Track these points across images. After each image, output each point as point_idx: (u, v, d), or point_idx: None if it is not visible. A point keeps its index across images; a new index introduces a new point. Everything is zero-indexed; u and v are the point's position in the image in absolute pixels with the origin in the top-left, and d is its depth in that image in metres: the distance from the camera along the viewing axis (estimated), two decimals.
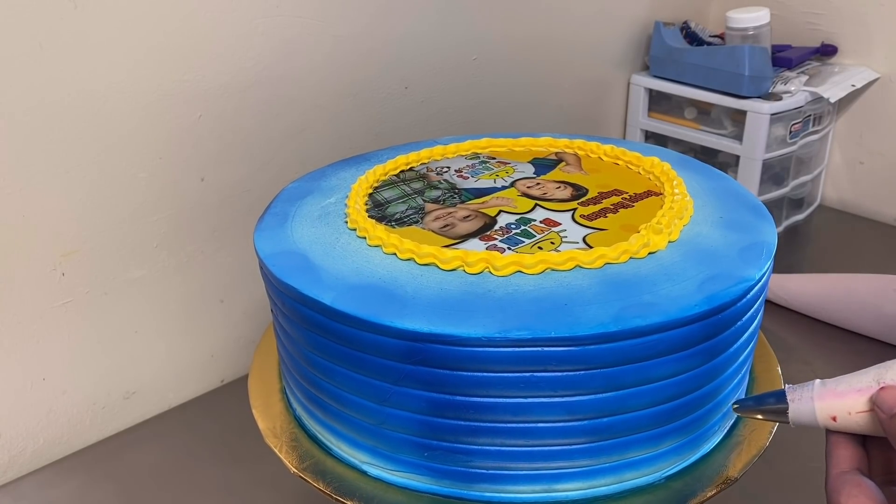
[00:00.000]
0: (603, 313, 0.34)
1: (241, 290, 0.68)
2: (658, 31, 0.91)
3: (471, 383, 0.35)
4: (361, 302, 0.36)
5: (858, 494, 0.31)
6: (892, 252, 0.88)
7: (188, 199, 0.62)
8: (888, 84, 0.92)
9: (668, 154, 0.54)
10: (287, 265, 0.40)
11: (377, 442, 0.39)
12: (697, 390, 0.38)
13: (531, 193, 0.48)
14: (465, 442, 0.37)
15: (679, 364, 0.36)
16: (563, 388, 0.35)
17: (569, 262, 0.38)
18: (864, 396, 0.33)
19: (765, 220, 0.44)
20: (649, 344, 0.35)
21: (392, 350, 0.35)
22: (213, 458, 0.59)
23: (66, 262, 0.57)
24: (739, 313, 0.38)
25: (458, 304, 0.36)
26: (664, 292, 0.36)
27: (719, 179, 0.50)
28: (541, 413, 0.36)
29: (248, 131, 0.64)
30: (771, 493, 0.54)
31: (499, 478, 0.38)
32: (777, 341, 0.45)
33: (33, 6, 0.50)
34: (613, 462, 0.38)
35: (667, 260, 0.39)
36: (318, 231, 0.44)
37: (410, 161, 0.53)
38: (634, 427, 0.37)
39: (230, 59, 0.61)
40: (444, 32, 0.75)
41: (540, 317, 0.35)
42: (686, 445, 0.39)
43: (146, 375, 0.64)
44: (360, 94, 0.70)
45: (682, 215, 0.42)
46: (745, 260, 0.39)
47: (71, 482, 0.57)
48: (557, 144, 0.56)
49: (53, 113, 0.53)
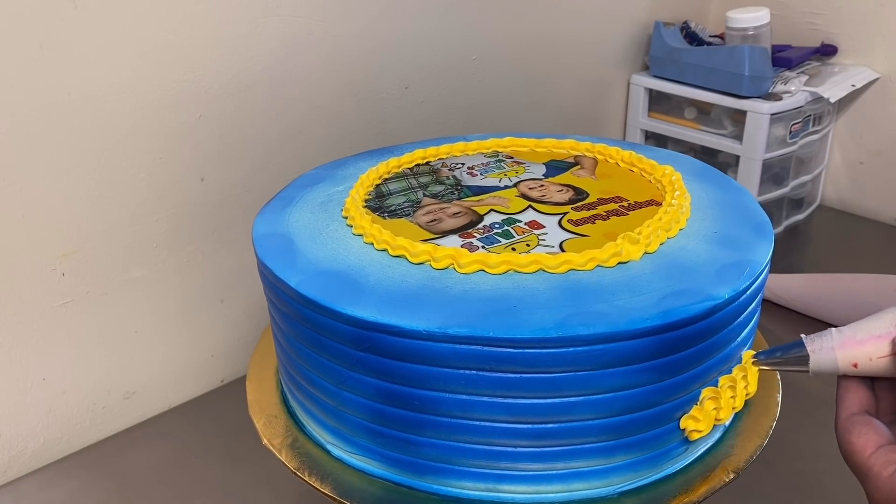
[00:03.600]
0: (548, 318, 0.34)
1: (241, 290, 0.68)
2: (658, 31, 0.91)
3: (415, 375, 0.36)
4: (323, 287, 0.38)
5: (868, 432, 0.33)
6: (892, 252, 0.88)
7: (188, 199, 0.62)
8: (888, 84, 0.92)
9: (690, 163, 0.53)
10: (271, 246, 0.42)
11: (338, 424, 0.40)
12: (653, 407, 0.37)
13: (530, 195, 0.48)
14: (413, 432, 0.38)
15: (628, 378, 0.35)
16: (504, 389, 0.35)
17: (532, 264, 0.38)
18: (885, 342, 0.34)
19: (764, 239, 0.42)
20: (593, 354, 0.34)
21: (345, 336, 0.37)
22: (213, 458, 0.59)
23: (66, 262, 0.57)
24: (702, 332, 0.36)
25: (413, 297, 0.36)
26: (620, 303, 0.35)
27: (734, 193, 0.48)
28: (483, 412, 0.36)
29: (248, 131, 0.64)
30: (771, 493, 0.54)
31: (445, 471, 0.38)
32: (777, 341, 0.45)
33: (33, 6, 0.50)
34: (561, 470, 0.37)
35: (636, 271, 0.38)
36: (313, 217, 0.45)
37: (428, 155, 0.54)
38: (581, 436, 0.36)
39: (230, 59, 0.61)
40: (444, 32, 0.75)
41: (485, 316, 0.35)
42: (644, 463, 0.38)
43: (146, 375, 0.64)
44: (361, 94, 0.71)
45: (670, 227, 0.41)
46: (722, 278, 0.38)
47: (71, 482, 0.57)
48: (579, 147, 0.55)
49: (54, 113, 0.53)
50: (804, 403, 0.52)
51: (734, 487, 0.40)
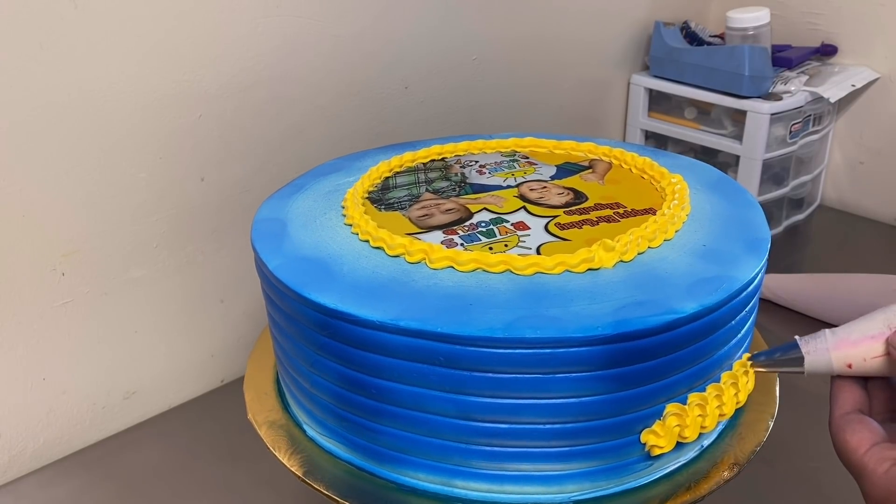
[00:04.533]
0: (498, 319, 0.34)
1: (241, 290, 0.68)
2: (658, 31, 0.91)
3: (371, 364, 0.37)
4: (297, 272, 0.39)
5: (862, 431, 0.34)
6: (892, 252, 0.88)
7: (188, 199, 0.62)
8: (888, 84, 0.92)
9: (707, 173, 0.51)
10: (264, 230, 0.44)
11: (312, 405, 0.42)
12: (609, 417, 0.36)
13: (528, 196, 0.47)
14: (372, 420, 0.38)
15: (580, 385, 0.35)
16: (454, 385, 0.35)
17: (500, 265, 0.38)
18: (878, 342, 0.35)
19: (755, 255, 0.40)
20: (541, 357, 0.34)
21: (312, 320, 0.38)
22: (213, 458, 0.59)
23: (66, 262, 0.57)
24: (663, 346, 0.35)
25: (379, 288, 0.37)
26: (576, 309, 0.35)
27: (743, 206, 0.46)
28: (435, 407, 0.36)
29: (248, 131, 0.64)
30: (771, 493, 0.54)
31: (402, 461, 0.39)
32: (776, 341, 0.45)
33: (33, 6, 0.50)
34: (513, 472, 0.37)
35: (605, 279, 0.37)
36: (315, 205, 0.47)
37: (445, 151, 0.55)
38: (533, 439, 0.36)
39: (230, 59, 0.61)
40: (444, 33, 0.75)
41: (438, 312, 0.35)
42: (602, 473, 0.38)
43: (146, 375, 0.64)
44: (361, 94, 0.71)
45: (654, 237, 0.40)
46: (692, 292, 0.36)
47: (71, 482, 0.57)
48: (596, 151, 0.54)
49: (53, 113, 0.53)
50: (803, 402, 0.52)
51: (733, 487, 0.40)
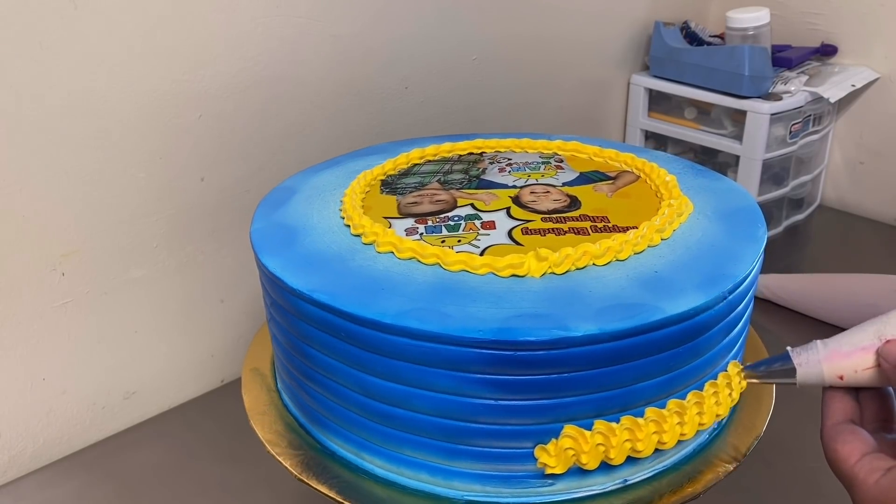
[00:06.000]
0: (394, 306, 0.36)
1: (241, 290, 0.68)
2: (658, 31, 0.91)
3: (298, 330, 0.40)
4: (264, 236, 0.43)
5: (853, 440, 0.34)
6: (892, 252, 0.88)
7: (188, 200, 0.62)
8: (888, 84, 0.92)
9: (734, 198, 0.47)
10: (270, 197, 0.48)
11: (281, 371, 0.45)
12: (495, 424, 0.36)
13: (523, 198, 0.47)
14: (306, 383, 0.41)
15: (462, 384, 0.35)
16: (354, 362, 0.37)
17: (432, 257, 0.39)
18: (870, 353, 0.35)
19: (701, 293, 0.37)
20: (423, 350, 0.35)
21: (265, 282, 0.42)
22: (212, 458, 0.59)
23: (66, 262, 0.57)
24: (549, 363, 0.35)
25: (319, 261, 0.40)
26: (474, 310, 0.35)
27: (740, 241, 0.42)
28: (343, 379, 0.38)
29: (247, 131, 0.64)
30: (771, 494, 0.54)
31: (328, 426, 0.41)
32: (776, 341, 0.45)
33: (33, 6, 0.50)
34: (409, 456, 0.38)
35: (523, 287, 0.37)
36: (334, 180, 0.50)
37: (485, 146, 0.56)
38: (421, 429, 0.37)
39: (230, 59, 0.61)
40: (444, 32, 0.75)
41: (350, 290, 0.37)
42: (494, 479, 0.38)
43: (146, 375, 0.64)
44: (360, 94, 0.71)
45: (602, 255, 0.39)
46: (599, 315, 0.35)
47: (71, 482, 0.57)
48: (631, 163, 0.52)
49: (53, 113, 0.53)
50: (802, 402, 0.52)
51: (733, 486, 0.39)
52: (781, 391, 0.44)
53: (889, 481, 0.32)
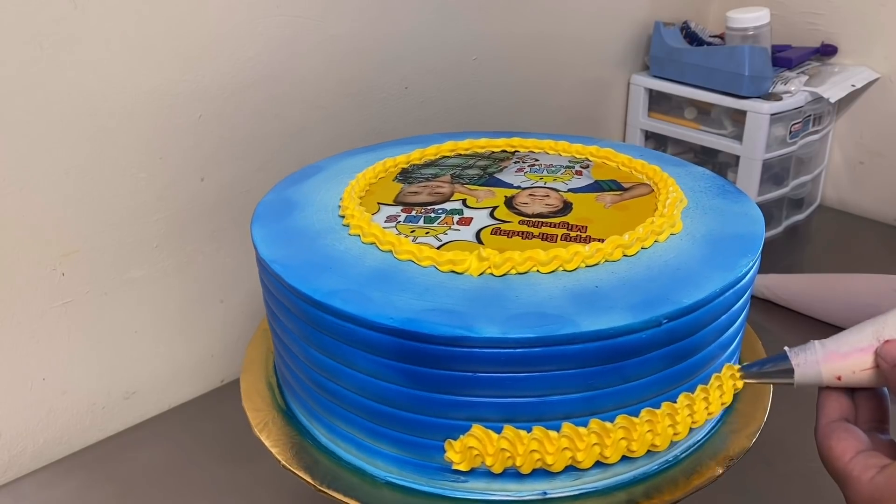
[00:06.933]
0: (328, 286, 0.38)
1: (241, 290, 0.68)
2: (658, 31, 0.91)
3: (274, 302, 0.42)
4: (261, 214, 0.46)
5: (848, 438, 0.34)
6: (892, 252, 0.88)
7: (188, 199, 0.62)
8: (888, 84, 0.92)
9: (739, 222, 0.45)
10: (289, 178, 0.51)
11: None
12: (408, 411, 0.37)
13: (516, 199, 0.47)
14: (282, 354, 0.43)
15: (378, 368, 0.36)
16: (299, 332, 0.40)
17: (386, 245, 0.41)
18: (868, 354, 0.35)
19: (633, 318, 0.35)
20: (344, 329, 0.37)
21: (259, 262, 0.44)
22: (212, 458, 0.59)
23: (66, 262, 0.57)
24: (452, 359, 0.35)
25: (301, 242, 0.42)
26: (396, 298, 0.36)
27: (725, 270, 0.39)
28: (299, 349, 0.40)
29: (247, 131, 0.64)
30: (771, 493, 0.54)
31: (293, 392, 0.44)
32: (776, 341, 0.45)
33: (33, 6, 0.50)
34: (342, 429, 0.40)
35: (454, 283, 0.37)
36: (357, 163, 0.52)
37: (520, 146, 0.57)
38: (347, 404, 0.39)
39: (230, 59, 0.61)
40: (443, 32, 0.75)
41: (301, 266, 0.39)
42: (410, 465, 0.38)
43: (146, 375, 0.64)
44: (360, 94, 0.71)
45: (548, 263, 0.38)
46: (509, 323, 0.35)
47: (71, 482, 0.57)
48: (654, 177, 0.50)
49: (53, 113, 0.53)
50: (801, 402, 0.52)
51: (734, 487, 0.39)
52: (781, 391, 0.44)
53: (883, 479, 0.32)
